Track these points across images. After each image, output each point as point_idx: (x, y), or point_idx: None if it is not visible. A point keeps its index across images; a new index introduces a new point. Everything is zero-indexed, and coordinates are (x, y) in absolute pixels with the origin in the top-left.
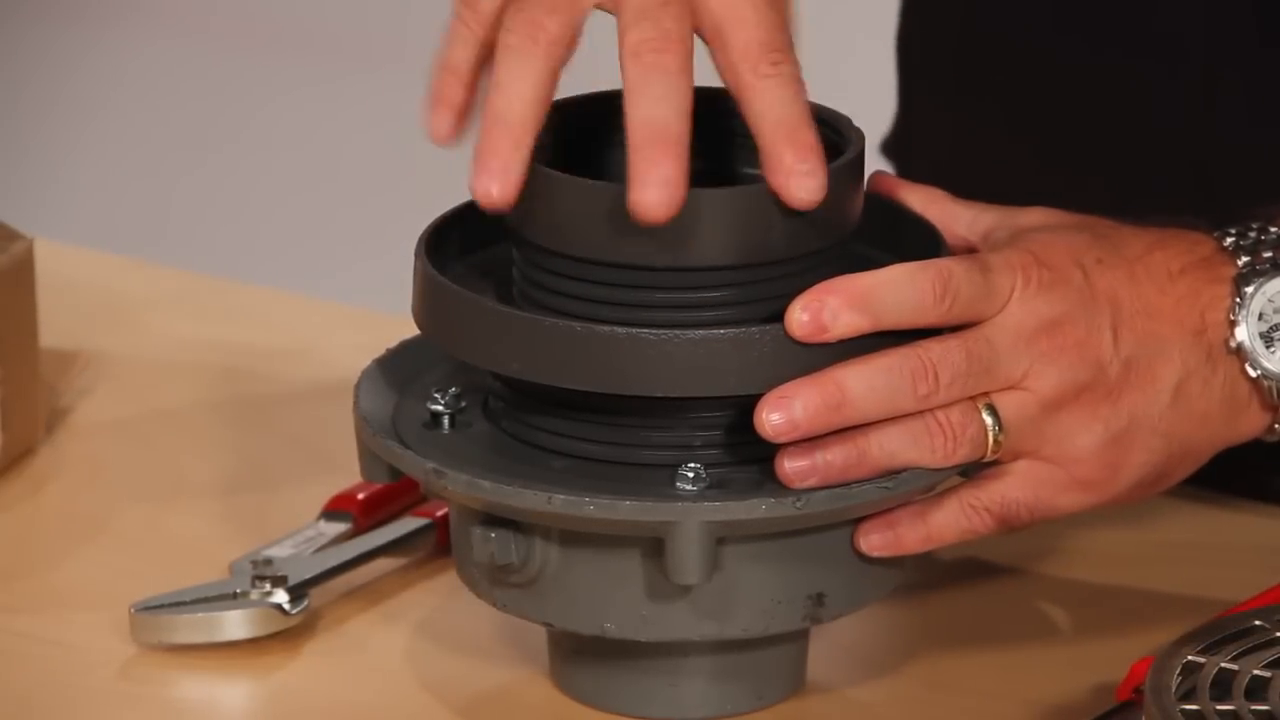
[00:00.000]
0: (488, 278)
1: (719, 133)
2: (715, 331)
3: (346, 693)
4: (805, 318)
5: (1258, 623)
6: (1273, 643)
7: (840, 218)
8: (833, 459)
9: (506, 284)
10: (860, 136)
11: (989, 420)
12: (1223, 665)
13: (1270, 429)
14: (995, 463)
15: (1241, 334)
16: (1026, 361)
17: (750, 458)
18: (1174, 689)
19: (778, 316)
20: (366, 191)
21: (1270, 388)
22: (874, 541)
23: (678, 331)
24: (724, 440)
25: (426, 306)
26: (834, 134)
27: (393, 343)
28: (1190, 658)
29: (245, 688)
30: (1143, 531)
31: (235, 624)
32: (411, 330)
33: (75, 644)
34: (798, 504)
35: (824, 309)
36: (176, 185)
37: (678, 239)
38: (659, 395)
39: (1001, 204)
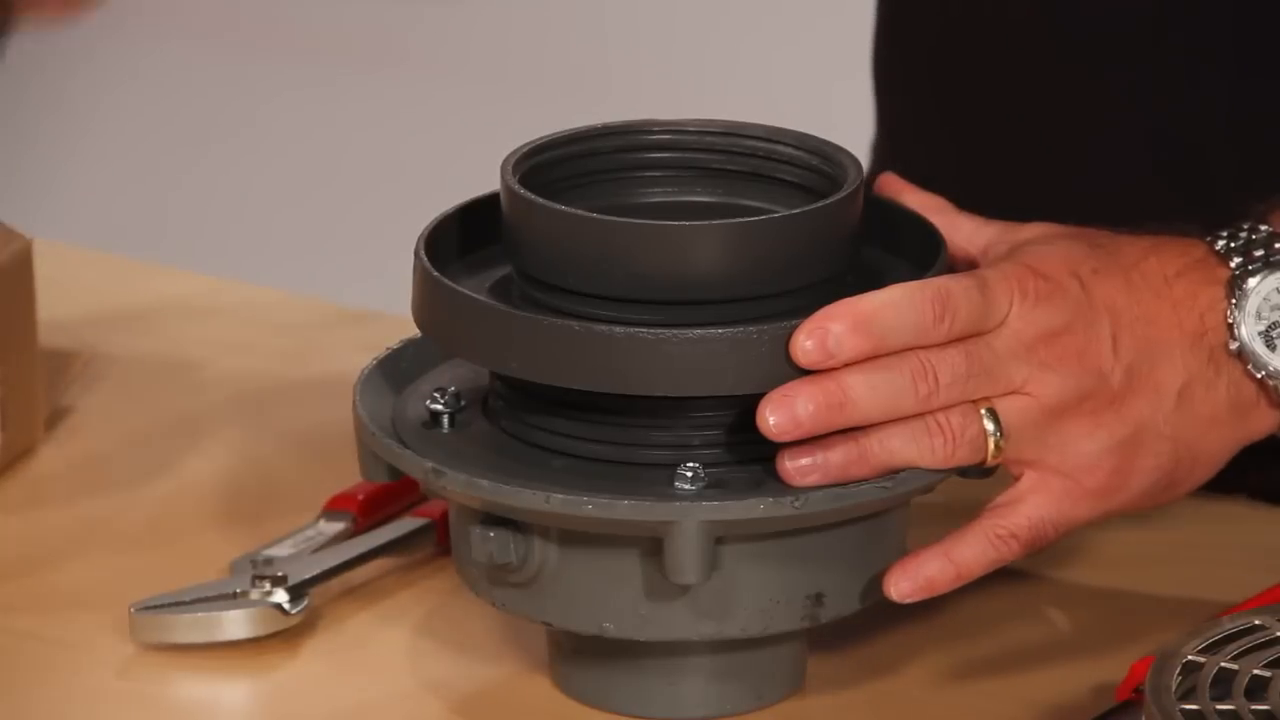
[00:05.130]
0: (486, 276)
1: (733, 166)
2: (713, 331)
3: (346, 693)
4: (810, 345)
5: (1258, 623)
6: (1273, 643)
7: (839, 249)
8: (833, 456)
9: (505, 283)
10: (859, 169)
11: (989, 425)
12: (1223, 665)
13: None
14: (994, 470)
15: (1242, 336)
16: (1027, 369)
17: (749, 457)
18: (1174, 689)
19: (775, 315)
20: (366, 191)
21: (1277, 386)
22: (904, 589)
23: (676, 331)
24: (723, 440)
25: (426, 306)
26: (830, 167)
27: (393, 343)
28: (1190, 658)
29: (245, 688)
30: (1142, 531)
31: (235, 624)
32: (411, 330)
33: (75, 644)
34: (796, 504)
35: (829, 336)
36: (176, 185)
37: (671, 271)
38: (657, 395)
39: (985, 214)
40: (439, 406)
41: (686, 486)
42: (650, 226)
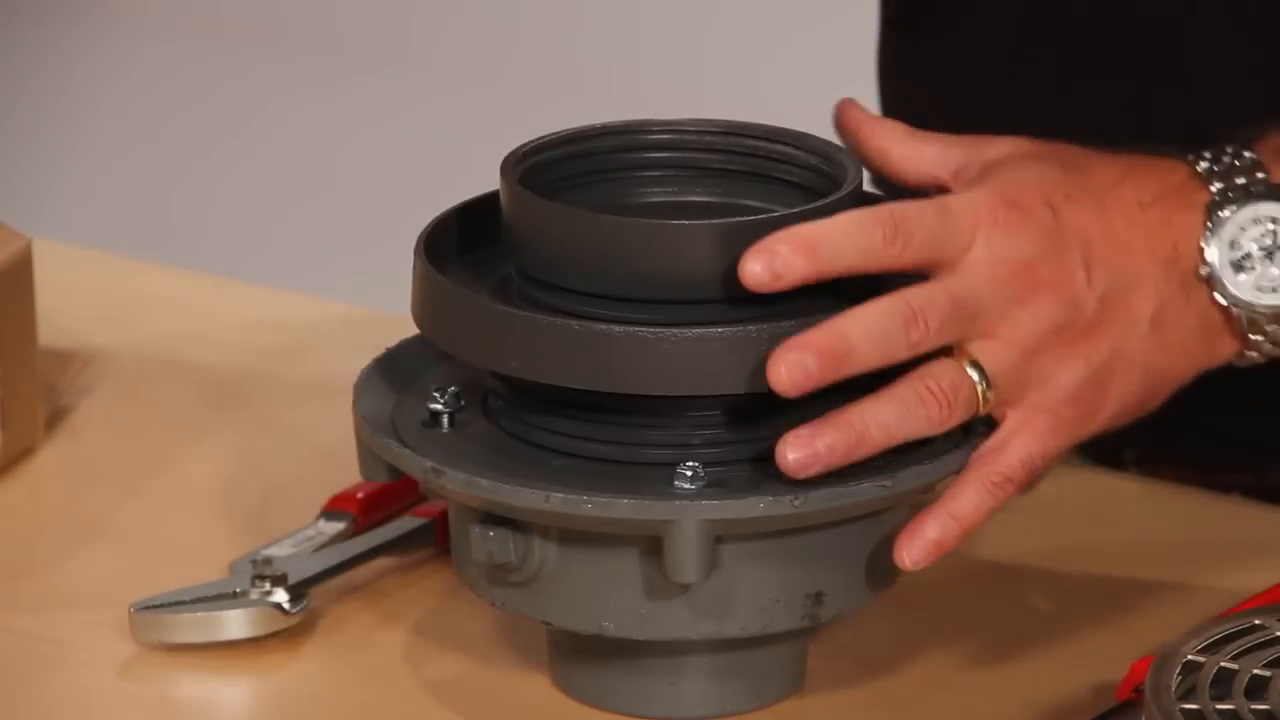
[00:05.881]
0: (486, 276)
1: (733, 166)
2: (712, 330)
3: (346, 693)
4: (757, 268)
5: (1258, 622)
6: (1273, 642)
7: None
8: (833, 443)
9: (505, 283)
10: (859, 169)
11: (974, 375)
12: (1223, 665)
13: (1240, 355)
14: (998, 423)
15: (1212, 263)
16: (1004, 304)
17: (748, 456)
18: (1174, 688)
19: (775, 315)
20: (366, 191)
21: (1239, 315)
22: (916, 555)
23: (675, 330)
24: (722, 438)
25: (426, 306)
26: (831, 167)
27: (393, 343)
28: (1190, 657)
29: (245, 688)
30: (1142, 531)
31: (235, 624)
32: (411, 330)
33: (75, 644)
34: (796, 502)
35: (776, 258)
36: (177, 185)
37: (671, 271)
38: (657, 394)
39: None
40: (439, 406)
41: (686, 485)
42: (650, 226)
